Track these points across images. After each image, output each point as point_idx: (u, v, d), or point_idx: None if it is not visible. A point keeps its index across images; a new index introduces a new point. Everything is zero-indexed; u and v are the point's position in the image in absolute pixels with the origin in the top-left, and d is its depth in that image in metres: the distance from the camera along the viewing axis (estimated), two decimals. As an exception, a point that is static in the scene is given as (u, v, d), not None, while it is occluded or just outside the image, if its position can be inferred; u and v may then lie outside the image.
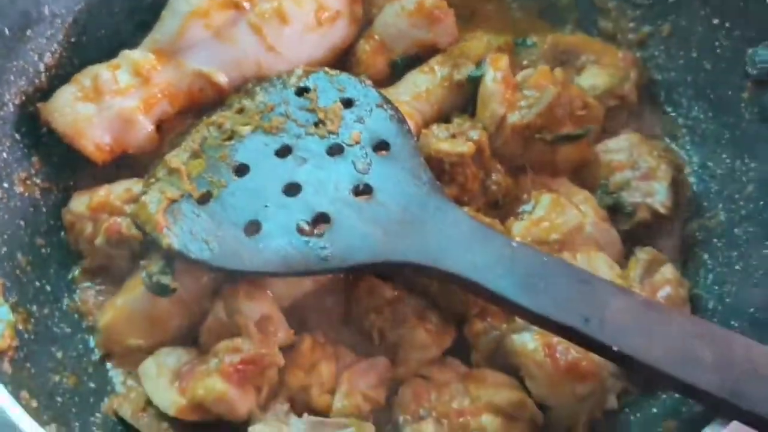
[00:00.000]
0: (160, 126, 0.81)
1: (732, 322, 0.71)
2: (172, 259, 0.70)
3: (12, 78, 0.76)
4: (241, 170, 0.73)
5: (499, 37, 0.89)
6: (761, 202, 0.76)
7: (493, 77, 0.81)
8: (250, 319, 0.70)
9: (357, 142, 0.74)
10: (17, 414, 0.56)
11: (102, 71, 0.79)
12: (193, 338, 0.74)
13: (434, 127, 0.80)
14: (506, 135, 0.80)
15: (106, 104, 0.77)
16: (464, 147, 0.77)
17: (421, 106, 0.84)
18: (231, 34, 0.81)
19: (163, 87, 0.80)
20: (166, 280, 0.70)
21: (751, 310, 0.71)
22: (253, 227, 0.69)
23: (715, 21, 0.81)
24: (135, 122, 0.78)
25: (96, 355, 0.75)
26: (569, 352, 0.69)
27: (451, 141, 0.78)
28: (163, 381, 0.70)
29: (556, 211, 0.77)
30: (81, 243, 0.78)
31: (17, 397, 0.58)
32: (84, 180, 0.81)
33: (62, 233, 0.79)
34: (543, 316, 0.62)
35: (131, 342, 0.74)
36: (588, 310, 0.61)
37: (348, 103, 0.77)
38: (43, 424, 0.57)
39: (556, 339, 0.69)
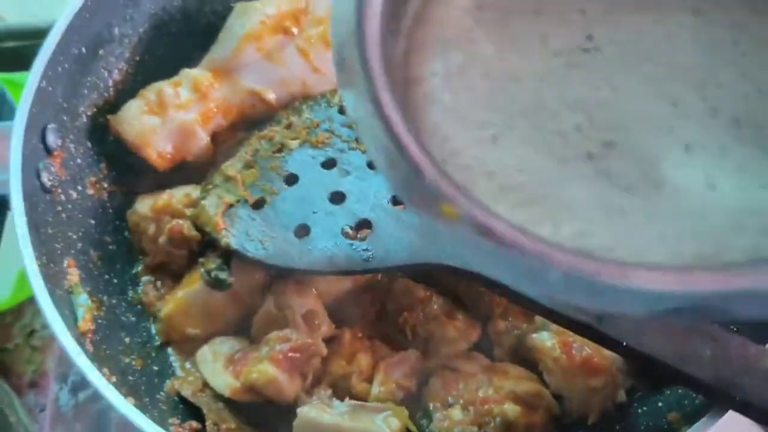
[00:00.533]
0: (213, 137, 0.89)
1: (731, 326, 0.79)
2: (229, 257, 0.78)
3: (86, 92, 0.85)
4: (291, 180, 0.81)
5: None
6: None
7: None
8: (297, 313, 0.78)
9: (394, 157, 0.82)
10: (103, 385, 0.64)
11: (166, 87, 0.87)
12: (244, 329, 0.82)
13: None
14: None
15: (169, 117, 0.85)
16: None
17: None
18: (280, 57, 0.89)
19: (218, 102, 0.88)
20: (223, 275, 0.78)
21: (749, 316, 0.79)
22: (302, 230, 0.77)
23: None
24: (194, 134, 0.86)
25: (157, 342, 0.83)
26: (584, 348, 0.76)
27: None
28: (218, 366, 0.78)
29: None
30: (144, 242, 0.86)
31: (102, 373, 0.66)
32: (143, 184, 0.89)
33: (126, 233, 0.87)
34: (562, 315, 0.70)
35: (189, 331, 0.81)
36: (602, 310, 0.69)
37: (386, 122, 0.85)
38: (124, 396, 0.65)
39: (571, 337, 0.77)
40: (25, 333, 1.07)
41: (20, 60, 1.07)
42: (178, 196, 0.84)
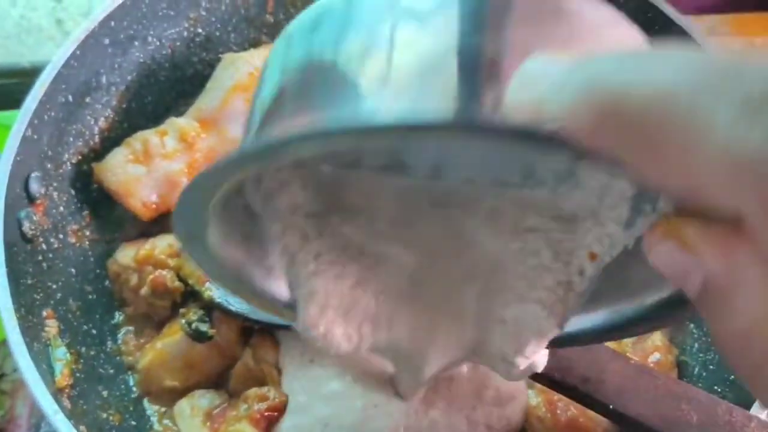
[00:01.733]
0: (198, 187, 0.89)
1: (715, 387, 0.79)
2: (210, 309, 0.77)
3: (71, 140, 0.84)
4: (274, 234, 0.80)
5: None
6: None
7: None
8: (274, 367, 0.77)
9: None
10: (81, 447, 0.63)
11: (151, 137, 0.86)
12: (224, 381, 0.80)
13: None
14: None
15: (154, 167, 0.85)
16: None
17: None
18: (267, 107, 0.89)
19: (205, 152, 0.88)
20: (204, 327, 0.77)
21: (732, 377, 0.78)
22: (284, 286, 0.76)
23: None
24: (180, 184, 0.85)
25: (135, 394, 0.81)
26: (569, 408, 0.75)
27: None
28: (196, 421, 0.76)
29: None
30: (125, 292, 0.84)
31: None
32: (126, 232, 0.88)
33: (106, 282, 0.86)
34: (547, 376, 0.69)
35: (167, 383, 0.80)
36: (588, 372, 0.69)
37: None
38: (101, 456, 0.64)
39: (556, 396, 0.76)
40: (-5, 377, 1.04)
41: (2, 99, 1.07)
42: (161, 246, 0.83)
